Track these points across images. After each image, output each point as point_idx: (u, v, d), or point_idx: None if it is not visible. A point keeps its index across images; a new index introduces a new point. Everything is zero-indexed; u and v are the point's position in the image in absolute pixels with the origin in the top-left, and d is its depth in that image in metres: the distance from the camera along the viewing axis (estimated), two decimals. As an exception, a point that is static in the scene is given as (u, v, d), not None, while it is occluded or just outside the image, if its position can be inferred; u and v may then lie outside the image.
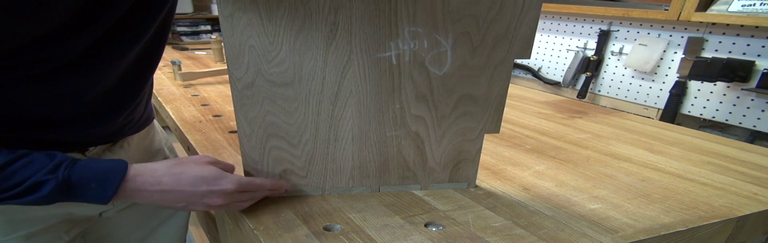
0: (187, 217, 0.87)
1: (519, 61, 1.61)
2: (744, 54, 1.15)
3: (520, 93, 1.38)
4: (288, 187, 0.63)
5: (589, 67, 1.51)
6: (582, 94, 1.54)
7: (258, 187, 0.59)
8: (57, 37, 0.47)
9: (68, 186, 0.48)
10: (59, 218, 0.63)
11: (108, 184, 0.50)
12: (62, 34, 0.48)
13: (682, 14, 1.17)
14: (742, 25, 1.14)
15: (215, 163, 0.57)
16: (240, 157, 0.64)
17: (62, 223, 0.64)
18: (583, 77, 1.55)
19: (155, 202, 0.54)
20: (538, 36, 1.66)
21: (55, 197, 0.48)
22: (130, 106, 0.64)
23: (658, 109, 1.36)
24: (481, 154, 0.66)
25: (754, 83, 1.13)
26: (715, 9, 1.14)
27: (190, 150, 0.86)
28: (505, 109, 0.65)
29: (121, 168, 0.51)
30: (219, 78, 1.40)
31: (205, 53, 1.93)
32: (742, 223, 0.65)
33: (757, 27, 1.11)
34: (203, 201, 0.54)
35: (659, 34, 1.32)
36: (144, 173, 0.52)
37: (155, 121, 0.80)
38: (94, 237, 0.77)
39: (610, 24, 1.45)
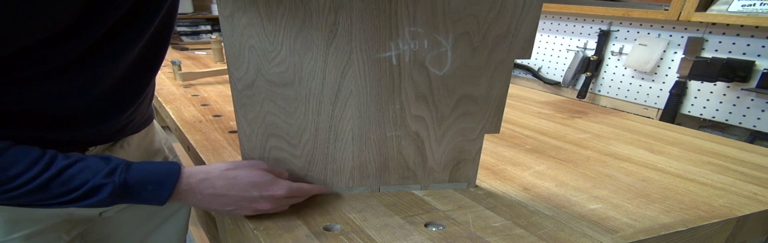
0: (186, 217, 0.87)
1: (519, 61, 1.61)
2: (744, 54, 1.15)
3: (520, 93, 1.38)
4: (328, 191, 0.65)
5: (589, 67, 1.51)
6: (582, 94, 1.54)
7: (305, 193, 0.61)
8: (59, 37, 0.48)
9: (125, 189, 0.49)
10: (59, 218, 0.63)
11: (163, 186, 0.51)
12: (65, 34, 0.48)
13: (682, 14, 1.17)
14: (742, 25, 1.14)
15: (269, 169, 0.58)
16: (240, 158, 0.64)
17: (62, 223, 0.64)
18: (583, 77, 1.55)
19: (205, 204, 0.54)
20: (538, 36, 1.66)
21: (112, 200, 0.49)
22: (132, 105, 0.64)
23: (658, 109, 1.36)
24: (481, 154, 0.66)
25: (754, 83, 1.13)
26: (715, 9, 1.14)
27: (190, 150, 0.86)
28: (505, 109, 0.65)
29: (175, 170, 0.52)
30: (219, 78, 1.40)
31: (205, 53, 1.93)
32: (742, 223, 0.65)
33: (757, 27, 1.11)
34: (252, 205, 0.55)
35: (659, 34, 1.32)
36: (197, 176, 0.53)
37: (155, 121, 0.80)
38: (93, 237, 0.77)
39: (610, 24, 1.45)
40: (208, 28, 2.48)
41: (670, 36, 1.30)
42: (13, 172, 0.46)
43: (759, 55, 1.12)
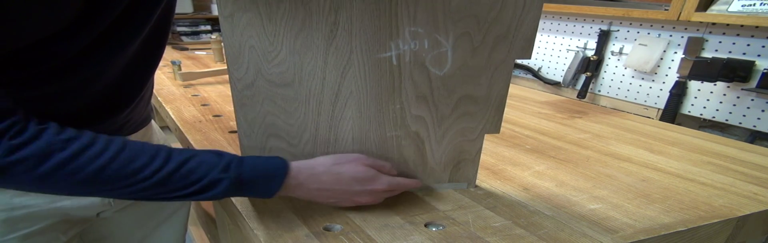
0: (186, 218, 0.87)
1: (519, 61, 1.61)
2: (744, 54, 1.15)
3: (520, 93, 1.38)
4: (421, 185, 0.66)
5: (589, 67, 1.51)
6: (582, 94, 1.54)
7: (403, 188, 0.63)
8: (57, 36, 0.48)
9: (240, 183, 0.51)
10: (57, 218, 0.63)
11: (274, 180, 0.53)
12: (62, 33, 0.48)
13: (682, 14, 1.16)
14: (742, 25, 1.14)
15: (372, 164, 0.60)
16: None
17: (60, 223, 0.64)
18: (583, 77, 1.55)
19: (311, 197, 0.57)
20: (538, 36, 1.66)
21: (226, 193, 0.51)
22: (129, 105, 0.64)
23: (658, 109, 1.36)
24: (481, 154, 0.66)
25: (754, 83, 1.13)
26: (715, 9, 1.14)
27: (190, 150, 0.86)
28: (505, 109, 0.65)
29: (284, 166, 0.54)
30: (219, 78, 1.40)
31: (205, 53, 1.93)
32: (742, 223, 0.65)
33: (757, 27, 1.11)
34: (353, 198, 0.59)
35: (659, 34, 1.32)
36: (306, 171, 0.56)
37: (153, 121, 0.80)
38: (92, 237, 0.77)
39: (610, 24, 1.45)
40: (208, 28, 2.48)
41: (670, 36, 1.30)
42: (137, 166, 0.48)
43: (759, 55, 1.12)
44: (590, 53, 1.53)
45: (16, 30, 0.43)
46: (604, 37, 1.47)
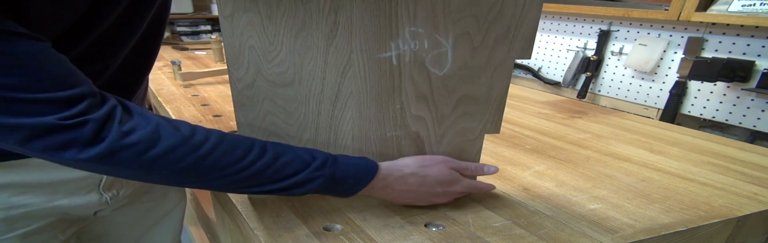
0: (181, 217, 0.87)
1: (519, 61, 1.61)
2: (744, 54, 1.15)
3: (520, 93, 1.38)
4: (495, 188, 0.67)
5: (589, 67, 1.51)
6: (582, 94, 1.54)
7: (477, 191, 0.65)
8: (61, 37, 0.48)
9: (332, 182, 0.53)
10: (55, 217, 0.63)
11: (362, 181, 0.55)
12: (68, 33, 0.48)
13: (682, 14, 1.16)
14: (742, 25, 1.14)
15: (457, 167, 0.61)
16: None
17: (58, 222, 0.64)
18: (583, 77, 1.55)
19: (392, 198, 0.59)
20: (538, 36, 1.66)
21: (316, 190, 0.52)
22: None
23: (658, 109, 1.36)
24: (481, 154, 0.66)
25: (754, 83, 1.13)
26: (715, 9, 1.14)
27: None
28: (505, 109, 0.65)
29: (374, 167, 0.56)
30: (219, 78, 1.40)
31: (205, 53, 1.93)
32: (742, 223, 0.65)
33: (757, 27, 1.11)
34: (431, 199, 0.60)
35: (659, 34, 1.32)
36: (393, 173, 0.57)
37: None
38: (89, 236, 0.77)
39: (610, 24, 1.45)
40: (208, 28, 2.47)
41: (670, 36, 1.30)
42: (235, 157, 0.48)
43: (759, 55, 1.12)
44: (590, 53, 1.53)
45: (33, 29, 0.43)
46: (604, 37, 1.47)
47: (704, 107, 1.25)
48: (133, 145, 0.44)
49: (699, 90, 1.25)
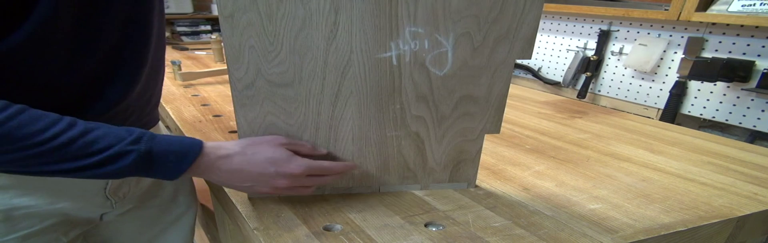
0: (192, 223, 0.86)
1: (519, 61, 1.61)
2: (744, 54, 1.15)
3: (520, 93, 1.38)
4: (357, 168, 0.63)
5: (589, 67, 1.51)
6: (582, 94, 1.54)
7: (326, 171, 0.59)
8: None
9: (149, 158, 0.49)
10: (57, 218, 0.63)
11: (185, 158, 0.50)
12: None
13: (682, 14, 1.16)
14: (742, 25, 1.14)
15: (288, 144, 0.57)
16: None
17: (61, 224, 0.64)
18: (583, 77, 1.55)
19: (223, 181, 0.55)
20: (538, 36, 1.66)
21: (131, 169, 0.48)
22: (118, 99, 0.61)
23: (658, 109, 1.36)
24: (481, 154, 0.66)
25: (754, 83, 1.13)
26: (715, 9, 1.14)
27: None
28: (505, 109, 0.65)
29: (198, 144, 0.52)
30: (219, 78, 1.40)
31: (205, 53, 1.93)
32: (742, 223, 0.65)
33: (757, 27, 1.11)
34: (269, 182, 0.55)
35: (659, 34, 1.32)
36: (218, 151, 0.53)
37: (160, 123, 0.79)
38: (96, 240, 0.77)
39: (610, 24, 1.45)
40: (208, 28, 2.48)
41: (670, 36, 1.30)
42: (35, 128, 0.44)
43: (759, 55, 1.12)
44: (590, 53, 1.53)
45: None
46: (604, 37, 1.47)
47: (704, 107, 1.25)
48: None
49: (699, 90, 1.25)
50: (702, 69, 1.20)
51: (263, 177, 0.55)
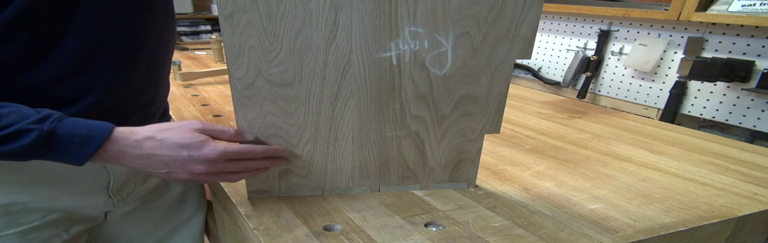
0: (202, 225, 0.85)
1: (519, 61, 1.61)
2: (744, 54, 1.15)
3: (520, 93, 1.38)
4: (286, 153, 0.60)
5: (589, 67, 1.51)
6: (582, 94, 1.54)
7: (247, 155, 0.56)
8: None
9: (51, 139, 0.46)
10: (57, 214, 0.63)
11: (91, 141, 0.48)
12: None
13: (682, 14, 1.16)
14: (742, 25, 1.14)
15: (203, 129, 0.54)
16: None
17: (61, 220, 0.64)
18: (583, 77, 1.55)
19: (138, 167, 0.52)
20: (538, 36, 1.66)
21: (32, 150, 0.46)
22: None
23: (658, 109, 1.36)
24: (481, 154, 0.66)
25: (754, 83, 1.13)
26: (715, 9, 1.14)
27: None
28: (505, 109, 0.65)
29: (108, 127, 0.50)
30: (219, 78, 1.40)
31: (205, 53, 1.93)
32: (742, 223, 0.65)
33: (757, 27, 1.11)
34: (186, 168, 0.52)
35: (659, 34, 1.32)
36: (128, 136, 0.51)
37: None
38: (103, 240, 0.77)
39: (610, 24, 1.45)
40: (208, 28, 2.48)
41: (670, 36, 1.30)
42: None
43: (759, 55, 1.12)
44: (590, 53, 1.53)
45: None
46: (604, 37, 1.47)
47: (704, 107, 1.25)
48: None
49: (699, 90, 1.25)
50: (702, 69, 1.20)
51: (177, 162, 0.52)
